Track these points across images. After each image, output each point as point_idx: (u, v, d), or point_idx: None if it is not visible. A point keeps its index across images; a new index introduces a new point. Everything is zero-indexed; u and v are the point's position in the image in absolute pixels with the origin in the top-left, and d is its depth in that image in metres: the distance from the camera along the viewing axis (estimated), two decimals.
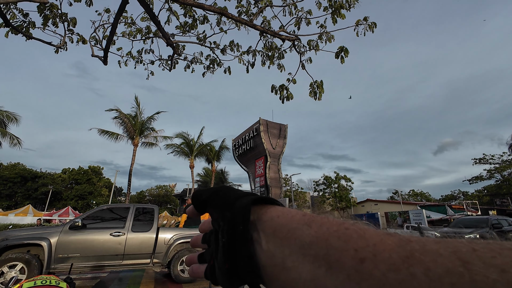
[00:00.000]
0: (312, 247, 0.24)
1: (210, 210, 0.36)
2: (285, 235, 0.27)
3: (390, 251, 0.21)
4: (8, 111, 22.99)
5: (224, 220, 0.32)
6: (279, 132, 28.73)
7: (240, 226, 0.30)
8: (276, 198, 17.39)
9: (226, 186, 0.38)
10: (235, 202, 0.32)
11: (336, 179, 40.05)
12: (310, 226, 0.26)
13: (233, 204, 0.32)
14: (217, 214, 0.34)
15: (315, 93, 4.36)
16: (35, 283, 1.42)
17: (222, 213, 0.33)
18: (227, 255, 0.29)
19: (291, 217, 0.29)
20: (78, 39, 4.75)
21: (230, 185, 0.36)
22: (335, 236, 0.24)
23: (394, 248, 0.21)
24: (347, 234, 0.24)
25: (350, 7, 4.12)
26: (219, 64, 5.27)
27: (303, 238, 0.26)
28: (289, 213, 0.30)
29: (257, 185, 27.52)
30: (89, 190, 46.84)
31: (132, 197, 50.84)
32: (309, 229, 0.26)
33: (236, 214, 0.31)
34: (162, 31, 4.02)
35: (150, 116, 25.28)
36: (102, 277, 6.74)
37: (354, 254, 0.22)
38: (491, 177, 40.42)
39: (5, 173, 42.68)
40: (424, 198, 59.70)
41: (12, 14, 4.08)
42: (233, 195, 0.34)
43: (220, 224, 0.32)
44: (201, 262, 0.39)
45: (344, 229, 0.24)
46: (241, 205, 0.31)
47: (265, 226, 0.29)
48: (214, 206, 0.35)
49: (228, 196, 0.34)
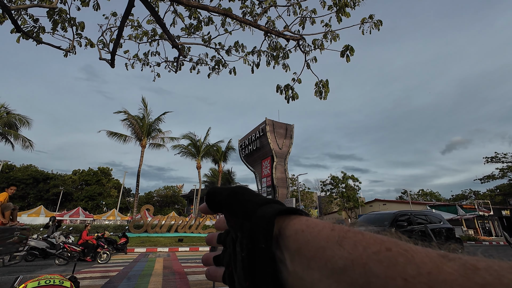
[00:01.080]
0: (347, 273, 0.20)
1: (226, 214, 0.32)
2: (313, 254, 0.23)
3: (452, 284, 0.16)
4: (20, 114, 23.62)
5: (242, 232, 0.28)
6: (285, 132, 28.64)
7: (261, 244, 0.26)
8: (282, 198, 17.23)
9: (245, 188, 0.34)
10: (255, 211, 0.28)
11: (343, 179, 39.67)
12: (342, 245, 0.22)
13: (253, 214, 0.28)
14: (234, 221, 0.30)
15: (320, 93, 4.34)
16: (39, 283, 1.44)
17: (240, 221, 0.29)
18: (247, 273, 0.26)
19: (317, 232, 0.24)
20: (86, 43, 4.85)
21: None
22: (376, 260, 0.19)
23: (457, 279, 0.16)
24: (391, 258, 0.19)
25: (355, 5, 4.09)
26: (224, 65, 5.30)
27: (335, 261, 0.21)
28: (315, 226, 0.25)
29: (263, 185, 27.49)
30: (99, 191, 47.65)
31: (141, 197, 51.40)
32: (341, 249, 0.21)
33: (256, 228, 0.27)
34: (168, 33, 4.07)
35: (157, 118, 25.59)
36: (111, 276, 6.84)
37: (403, 285, 0.17)
38: (503, 176, 39.37)
39: (18, 175, 43.80)
40: (434, 198, 58.59)
41: (23, 20, 4.19)
42: (253, 202, 0.30)
43: (238, 235, 0.29)
44: (217, 265, 0.36)
45: (385, 250, 0.19)
46: (263, 217, 0.27)
47: (288, 242, 0.25)
48: (230, 211, 0.31)
49: (247, 201, 0.30)
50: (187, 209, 60.32)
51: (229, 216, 0.32)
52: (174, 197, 58.60)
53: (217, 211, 0.35)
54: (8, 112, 23.28)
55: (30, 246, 9.26)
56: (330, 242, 0.23)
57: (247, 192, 0.32)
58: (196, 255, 12.26)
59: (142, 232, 18.62)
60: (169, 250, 14.16)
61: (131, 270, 7.92)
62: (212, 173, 44.88)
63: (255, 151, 29.37)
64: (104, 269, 7.83)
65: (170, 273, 7.46)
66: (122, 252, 12.23)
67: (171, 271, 7.79)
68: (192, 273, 7.35)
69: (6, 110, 23.28)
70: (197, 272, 7.61)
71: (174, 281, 6.44)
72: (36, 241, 9.48)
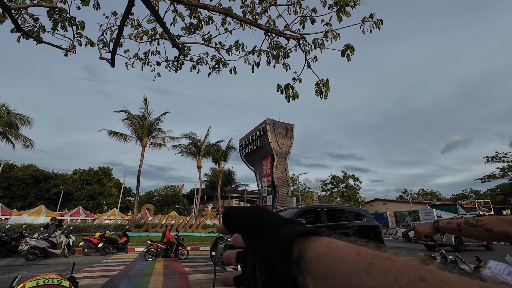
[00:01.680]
0: None
1: (243, 235, 0.32)
2: (339, 282, 0.21)
3: None
4: (21, 114, 23.62)
5: (261, 255, 0.27)
6: (286, 131, 28.63)
7: (281, 269, 0.25)
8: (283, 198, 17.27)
9: (263, 208, 0.33)
10: (273, 233, 0.27)
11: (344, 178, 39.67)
12: (370, 273, 0.20)
13: (272, 237, 0.27)
14: (253, 243, 0.29)
15: (321, 92, 4.33)
16: (37, 283, 1.45)
17: (258, 244, 0.28)
18: None
19: (342, 257, 0.22)
20: (87, 42, 4.84)
21: (265, 206, 0.33)
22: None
23: None
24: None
25: (355, 4, 4.07)
26: (225, 64, 5.29)
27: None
28: (338, 250, 0.23)
29: (264, 184, 27.50)
30: (99, 191, 47.70)
31: (141, 197, 51.47)
32: (369, 277, 0.19)
33: (275, 252, 0.26)
34: (168, 33, 4.06)
35: (158, 117, 25.58)
36: (111, 275, 6.85)
37: None
38: (504, 176, 39.31)
39: (19, 174, 43.86)
40: (434, 197, 58.53)
41: (23, 19, 4.19)
42: (271, 223, 0.29)
43: (257, 258, 0.28)
44: (237, 286, 0.35)
45: (419, 280, 0.17)
46: (281, 240, 0.26)
47: (311, 268, 0.24)
48: (248, 233, 0.30)
49: (265, 222, 0.29)
50: (188, 208, 60.36)
51: (247, 238, 0.31)
52: (174, 197, 58.66)
53: (235, 232, 0.34)
54: (9, 112, 23.29)
55: (31, 245, 9.28)
56: (357, 269, 0.21)
57: (265, 212, 0.31)
58: (197, 255, 12.27)
59: (142, 231, 18.65)
60: None
61: (132, 269, 7.93)
62: (213, 172, 44.89)
63: (255, 151, 29.37)
64: (104, 269, 7.84)
65: (170, 272, 7.47)
66: (123, 251, 12.26)
67: (172, 270, 7.80)
68: (192, 273, 7.36)
69: (7, 110, 23.29)
70: (198, 271, 7.62)
71: (175, 280, 6.44)
72: (37, 241, 9.50)
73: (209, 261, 9.60)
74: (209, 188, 49.05)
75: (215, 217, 22.87)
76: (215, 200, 47.06)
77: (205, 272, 7.50)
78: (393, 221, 30.22)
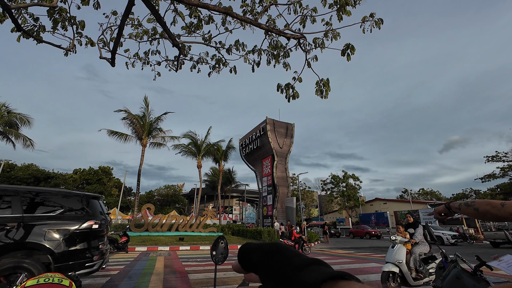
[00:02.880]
0: None
1: (261, 276, 0.28)
2: None
3: None
4: (21, 113, 23.63)
5: None
6: (286, 131, 28.63)
7: None
8: (283, 197, 17.71)
9: (282, 246, 0.30)
10: (295, 277, 0.24)
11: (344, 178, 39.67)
12: None
13: (294, 281, 0.24)
14: (272, 285, 0.26)
15: (321, 91, 4.33)
16: (38, 281, 1.45)
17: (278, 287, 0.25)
18: None
19: None
20: (87, 42, 4.83)
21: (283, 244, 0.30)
22: None
23: None
24: None
25: (355, 3, 4.07)
26: (225, 64, 5.29)
27: None
28: None
29: (264, 184, 27.51)
30: (100, 190, 47.75)
31: (142, 196, 51.51)
32: None
33: None
34: (168, 32, 4.06)
35: (158, 117, 25.59)
36: (112, 275, 6.86)
37: None
38: (504, 175, 39.25)
39: (19, 174, 43.90)
40: (435, 197, 58.56)
41: (23, 18, 4.18)
42: (292, 264, 0.25)
43: None
44: None
45: None
46: (305, 286, 0.23)
47: None
48: (266, 274, 0.27)
49: (285, 264, 0.26)
50: (188, 208, 60.41)
51: (264, 279, 0.28)
52: (175, 196, 58.71)
53: (251, 271, 0.31)
54: (9, 111, 23.30)
55: None
56: None
57: (285, 251, 0.28)
58: (197, 254, 12.28)
59: (143, 231, 18.66)
60: (170, 249, 14.20)
61: (132, 269, 7.94)
62: (213, 172, 44.90)
63: (255, 150, 29.38)
64: (105, 268, 7.85)
65: (171, 272, 7.47)
66: (123, 251, 12.27)
67: (172, 270, 7.80)
68: (193, 272, 7.36)
69: (7, 109, 23.29)
70: (198, 271, 7.63)
71: (175, 280, 6.45)
72: None
73: (209, 261, 9.61)
74: (209, 187, 49.08)
75: (215, 217, 22.88)
76: (216, 199, 47.08)
77: (205, 271, 7.51)
78: (393, 221, 30.23)
